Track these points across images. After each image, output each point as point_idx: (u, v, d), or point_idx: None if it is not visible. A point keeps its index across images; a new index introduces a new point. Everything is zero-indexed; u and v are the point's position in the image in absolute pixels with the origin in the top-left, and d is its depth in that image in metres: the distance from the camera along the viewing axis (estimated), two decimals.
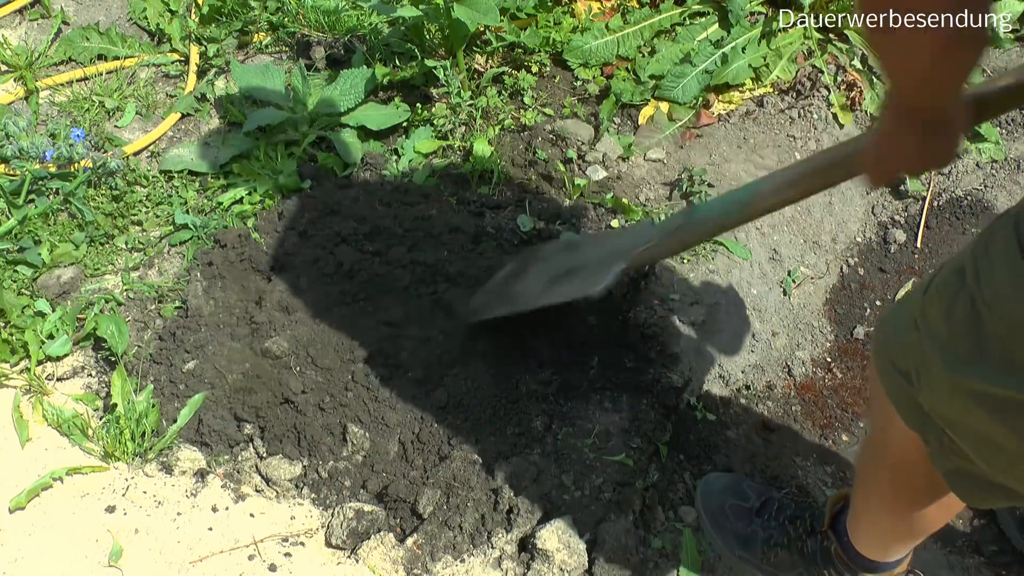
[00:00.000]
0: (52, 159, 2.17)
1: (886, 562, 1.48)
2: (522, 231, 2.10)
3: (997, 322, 0.91)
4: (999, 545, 1.77)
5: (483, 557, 1.67)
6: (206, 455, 1.81)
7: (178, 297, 2.03)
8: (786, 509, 1.68)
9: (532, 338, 1.91)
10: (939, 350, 0.98)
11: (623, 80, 2.42)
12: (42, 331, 1.92)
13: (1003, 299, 0.89)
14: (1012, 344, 0.90)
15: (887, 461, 1.25)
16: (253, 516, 1.74)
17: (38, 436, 1.82)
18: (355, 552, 1.68)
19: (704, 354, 1.93)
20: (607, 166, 2.23)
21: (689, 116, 2.36)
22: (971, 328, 0.94)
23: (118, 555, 1.66)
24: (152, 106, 2.42)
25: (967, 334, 0.94)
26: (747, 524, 1.69)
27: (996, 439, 0.96)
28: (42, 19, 2.64)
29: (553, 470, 1.78)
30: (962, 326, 0.95)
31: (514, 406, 1.84)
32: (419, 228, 2.07)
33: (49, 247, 2.07)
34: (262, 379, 1.86)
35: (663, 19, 2.48)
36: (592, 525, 1.71)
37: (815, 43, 2.49)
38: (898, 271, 2.16)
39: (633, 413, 1.85)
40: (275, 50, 2.53)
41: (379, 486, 1.77)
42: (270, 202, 2.16)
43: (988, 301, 0.91)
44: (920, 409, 1.06)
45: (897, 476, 1.24)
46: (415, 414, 1.84)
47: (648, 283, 1.97)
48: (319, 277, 2.01)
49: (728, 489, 1.75)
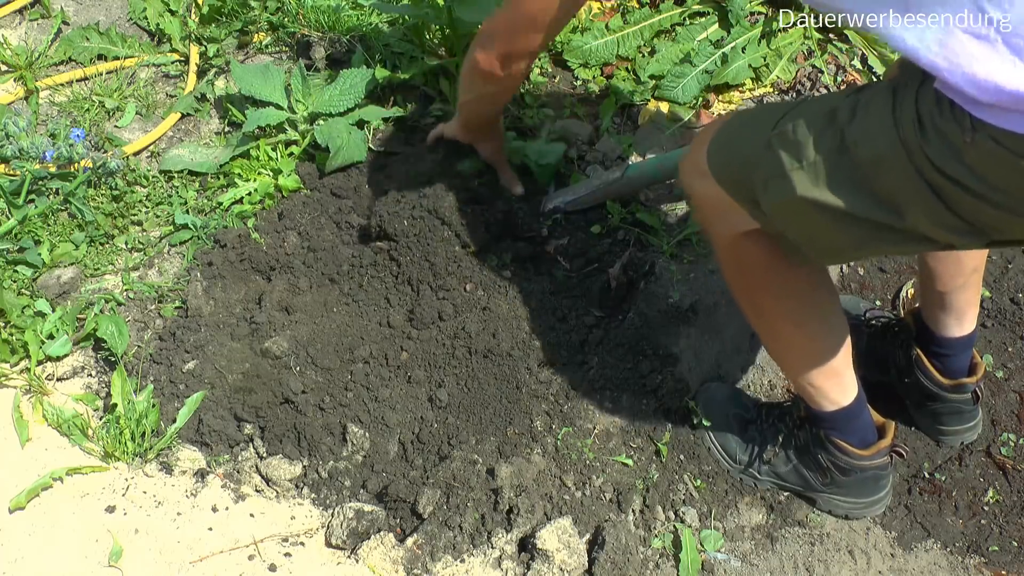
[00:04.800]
0: (52, 159, 2.17)
1: (845, 407, 1.61)
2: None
3: (863, 154, 1.18)
4: (999, 545, 1.77)
5: (483, 557, 1.67)
6: (206, 455, 1.81)
7: (178, 297, 2.03)
8: (776, 409, 1.80)
9: (532, 338, 1.91)
10: (798, 167, 1.24)
11: (623, 80, 2.42)
12: (42, 331, 1.92)
13: (871, 138, 1.17)
14: (871, 174, 1.18)
15: (734, 254, 1.50)
16: (253, 516, 1.74)
17: (38, 436, 1.82)
18: (355, 552, 1.68)
19: (704, 354, 1.93)
20: (607, 166, 2.23)
21: (689, 116, 2.36)
22: (836, 156, 1.21)
23: (118, 555, 1.66)
24: (152, 106, 2.42)
25: (830, 160, 1.22)
26: (746, 432, 1.80)
27: (828, 240, 1.30)
28: (42, 19, 2.64)
29: (553, 470, 1.78)
30: (828, 154, 1.22)
31: (514, 406, 1.84)
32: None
33: (49, 247, 2.07)
34: (262, 379, 1.86)
35: (663, 19, 2.48)
36: (592, 525, 1.71)
37: (815, 43, 2.49)
38: (898, 271, 2.15)
39: (633, 413, 1.85)
40: (275, 50, 2.53)
41: (379, 486, 1.77)
42: (270, 202, 2.16)
43: (857, 138, 1.18)
44: (758, 207, 1.34)
45: (745, 264, 1.50)
46: (415, 414, 1.85)
47: (648, 283, 1.97)
48: (319, 277, 2.01)
49: (730, 400, 1.85)
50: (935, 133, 1.11)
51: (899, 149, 1.15)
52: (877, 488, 1.73)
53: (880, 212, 1.20)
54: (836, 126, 1.22)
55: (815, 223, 1.28)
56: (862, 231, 1.24)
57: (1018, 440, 1.89)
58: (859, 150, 1.19)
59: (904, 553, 1.76)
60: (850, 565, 1.73)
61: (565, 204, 2.11)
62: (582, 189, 2.12)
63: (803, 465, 1.73)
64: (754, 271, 1.49)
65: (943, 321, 1.74)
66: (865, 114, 1.19)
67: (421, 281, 1.96)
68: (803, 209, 1.26)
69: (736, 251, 1.50)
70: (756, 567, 1.72)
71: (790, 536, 1.76)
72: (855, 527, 1.77)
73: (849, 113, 1.21)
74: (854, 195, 1.21)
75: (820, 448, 1.68)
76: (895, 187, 1.18)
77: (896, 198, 1.19)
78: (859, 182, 1.20)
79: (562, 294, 1.99)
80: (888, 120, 1.16)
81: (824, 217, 1.25)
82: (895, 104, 1.16)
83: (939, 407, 1.82)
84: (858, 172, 1.20)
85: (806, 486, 1.75)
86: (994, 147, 1.05)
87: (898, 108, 1.15)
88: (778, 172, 1.27)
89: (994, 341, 2.03)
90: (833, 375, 1.58)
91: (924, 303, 1.77)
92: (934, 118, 1.10)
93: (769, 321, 1.58)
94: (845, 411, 1.62)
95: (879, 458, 1.67)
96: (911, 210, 1.18)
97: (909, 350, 1.82)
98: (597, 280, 2.00)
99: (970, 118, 1.06)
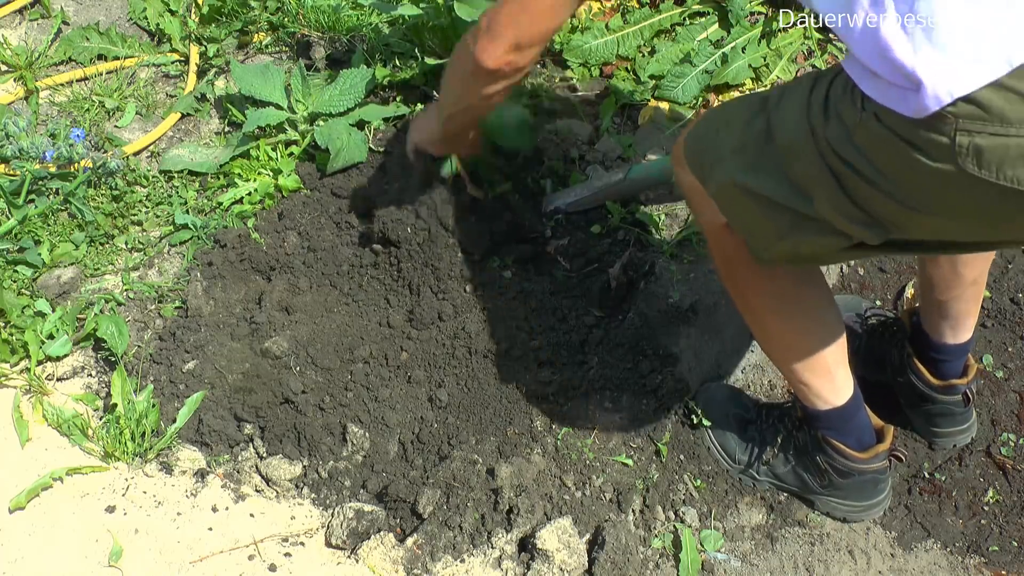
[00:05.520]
0: (52, 159, 2.17)
1: (840, 406, 1.60)
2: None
3: (780, 140, 1.23)
4: (999, 545, 1.77)
5: (483, 557, 1.67)
6: (206, 455, 1.81)
7: (178, 297, 2.03)
8: (776, 410, 1.79)
9: (532, 338, 1.91)
10: (730, 153, 1.30)
11: (623, 80, 2.42)
12: (42, 331, 1.92)
13: (786, 124, 1.22)
14: (787, 159, 1.23)
15: (719, 244, 1.51)
16: (253, 516, 1.74)
17: (38, 436, 1.82)
18: (355, 552, 1.68)
19: (704, 354, 1.93)
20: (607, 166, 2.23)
21: (689, 116, 2.36)
22: (761, 141, 1.26)
23: (118, 555, 1.66)
24: (152, 106, 2.42)
25: (755, 145, 1.27)
26: (746, 432, 1.79)
27: (758, 228, 1.33)
28: (42, 19, 2.63)
29: (553, 470, 1.78)
30: (755, 139, 1.27)
31: (514, 406, 1.84)
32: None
33: (49, 247, 2.07)
34: (262, 379, 1.86)
35: (663, 19, 2.48)
36: (592, 525, 1.71)
37: (815, 43, 2.49)
38: (898, 271, 2.15)
39: (633, 413, 1.85)
40: (275, 50, 2.53)
41: (379, 486, 1.77)
42: (270, 202, 2.16)
43: (776, 124, 1.24)
44: (710, 192, 1.38)
45: (730, 255, 1.50)
46: (415, 414, 1.85)
47: (648, 283, 1.97)
48: (319, 277, 2.01)
49: (730, 399, 1.85)
50: (835, 115, 1.15)
51: (807, 135, 1.19)
52: (875, 492, 1.73)
53: (796, 200, 1.24)
54: (765, 113, 1.27)
55: (747, 210, 1.32)
56: (784, 219, 1.27)
57: (1018, 440, 1.89)
58: (777, 135, 1.24)
59: (904, 553, 1.76)
60: (850, 565, 1.73)
61: (566, 205, 2.10)
62: (583, 190, 2.11)
63: (801, 467, 1.73)
64: (737, 264, 1.50)
65: (939, 327, 1.74)
66: (788, 100, 1.24)
67: (421, 282, 1.96)
68: (735, 195, 1.31)
69: (720, 242, 1.50)
70: (756, 567, 1.72)
71: (790, 536, 1.76)
72: (855, 527, 1.77)
73: (776, 100, 1.26)
74: (775, 181, 1.25)
75: (818, 450, 1.68)
76: (805, 173, 1.21)
77: (807, 185, 1.22)
78: (779, 168, 1.24)
79: (562, 294, 1.99)
80: (803, 106, 1.20)
81: (753, 203, 1.29)
82: (812, 90, 1.20)
83: (931, 408, 1.82)
84: (778, 158, 1.24)
85: (804, 488, 1.75)
86: (878, 127, 1.08)
87: (813, 93, 1.19)
88: (718, 156, 1.33)
89: (994, 341, 2.03)
90: (825, 373, 1.57)
91: (923, 308, 1.77)
92: (837, 101, 1.15)
93: (756, 314, 1.57)
94: (839, 411, 1.61)
95: (877, 462, 1.66)
96: (819, 197, 1.21)
97: (903, 349, 1.82)
98: (597, 280, 2.00)
99: (861, 97, 1.09)
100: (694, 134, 1.45)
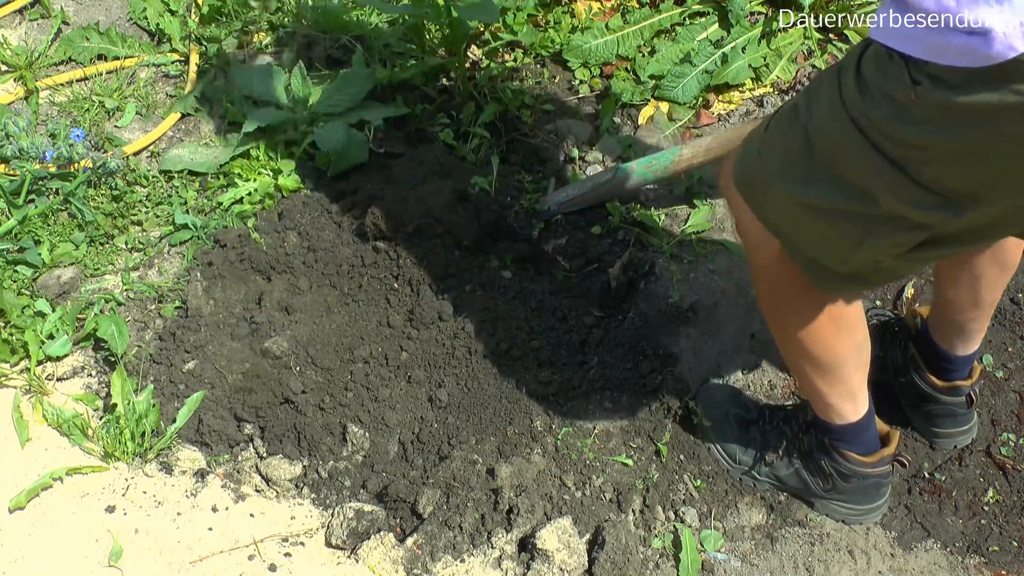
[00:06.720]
0: (52, 159, 2.17)
1: (855, 421, 1.59)
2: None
3: (824, 145, 1.17)
4: (999, 545, 1.77)
5: (483, 557, 1.67)
6: (206, 455, 1.81)
7: (178, 297, 2.03)
8: (780, 412, 1.78)
9: (532, 338, 1.91)
10: (779, 174, 1.25)
11: (623, 80, 2.42)
12: (42, 331, 1.92)
13: (825, 126, 1.16)
14: (837, 162, 1.16)
15: (767, 278, 1.45)
16: (253, 516, 1.74)
17: (38, 436, 1.82)
18: (355, 552, 1.68)
19: (704, 354, 1.93)
20: (607, 166, 2.23)
21: (689, 116, 2.36)
22: (804, 154, 1.20)
23: (118, 555, 1.66)
24: (152, 106, 2.42)
25: (800, 159, 1.21)
26: (747, 433, 1.79)
27: (830, 242, 1.25)
28: (42, 19, 2.63)
29: (553, 470, 1.78)
30: (796, 152, 1.21)
31: (514, 406, 1.84)
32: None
33: (49, 247, 2.07)
34: (262, 379, 1.86)
35: (663, 19, 2.48)
36: (592, 525, 1.71)
37: (815, 43, 2.49)
38: None
39: (633, 413, 1.85)
40: (275, 50, 2.53)
41: (379, 486, 1.77)
42: (270, 202, 2.16)
43: (816, 130, 1.18)
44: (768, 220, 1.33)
45: (777, 289, 1.44)
46: (415, 414, 1.85)
47: (648, 283, 1.97)
48: (319, 277, 2.01)
49: (731, 400, 1.85)
50: (881, 96, 1.07)
51: (851, 129, 1.12)
52: (877, 495, 1.73)
53: (860, 202, 1.16)
54: (799, 123, 1.21)
55: (814, 227, 1.24)
56: (852, 226, 1.20)
57: (1018, 440, 1.89)
58: (820, 141, 1.17)
59: (904, 553, 1.76)
60: (850, 565, 1.73)
61: (559, 205, 2.11)
62: (575, 190, 2.12)
63: (805, 469, 1.73)
64: (784, 297, 1.44)
65: (951, 341, 1.74)
66: (817, 104, 1.18)
67: (421, 281, 1.96)
68: (798, 214, 1.24)
69: (770, 273, 1.43)
70: (756, 567, 1.72)
71: (790, 536, 1.76)
72: (855, 527, 1.77)
73: (806, 107, 1.20)
74: (834, 189, 1.18)
75: (824, 454, 1.68)
76: (859, 170, 1.14)
77: (866, 184, 1.15)
78: (832, 175, 1.18)
79: (562, 294, 1.99)
80: (837, 102, 1.13)
81: (816, 218, 1.22)
82: (840, 84, 1.13)
83: (933, 408, 1.82)
84: (827, 164, 1.18)
85: (806, 490, 1.75)
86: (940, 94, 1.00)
87: (843, 87, 1.13)
88: (767, 180, 1.27)
89: (994, 341, 2.03)
90: (849, 395, 1.57)
91: (936, 324, 1.75)
92: (878, 81, 1.07)
93: (795, 345, 1.51)
94: (854, 426, 1.61)
95: (882, 466, 1.66)
96: (880, 191, 1.14)
97: (907, 350, 1.82)
98: (597, 280, 2.00)
99: (908, 71, 1.02)
100: (739, 161, 1.37)
